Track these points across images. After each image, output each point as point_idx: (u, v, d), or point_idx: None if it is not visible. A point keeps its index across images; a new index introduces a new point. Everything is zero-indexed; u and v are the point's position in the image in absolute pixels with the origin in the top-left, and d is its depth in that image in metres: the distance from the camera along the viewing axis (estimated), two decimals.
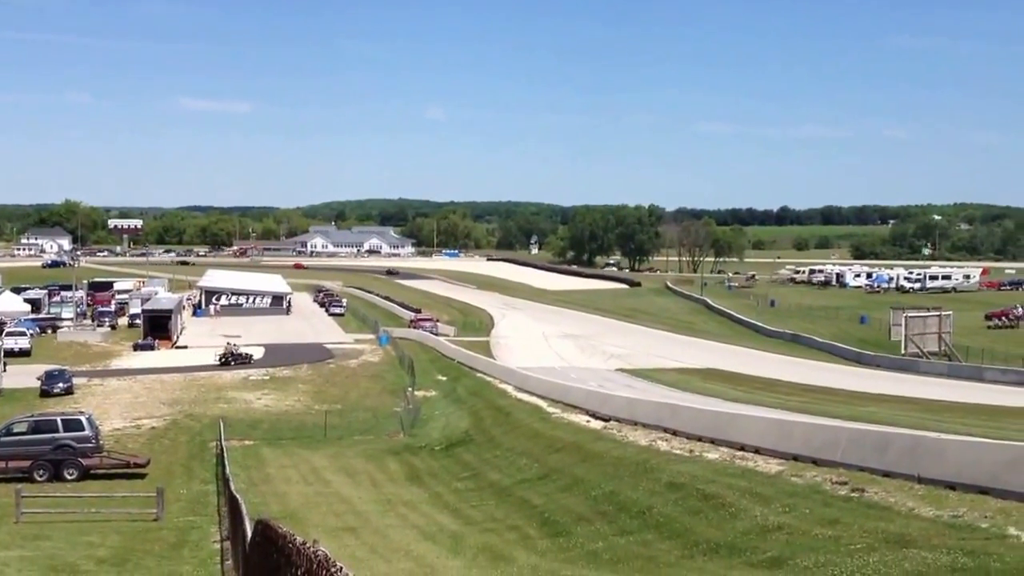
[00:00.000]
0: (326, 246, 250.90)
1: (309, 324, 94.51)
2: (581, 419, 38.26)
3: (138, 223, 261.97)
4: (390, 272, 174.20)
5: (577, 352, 76.48)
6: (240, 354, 66.83)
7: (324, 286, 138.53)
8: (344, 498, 30.90)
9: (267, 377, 61.27)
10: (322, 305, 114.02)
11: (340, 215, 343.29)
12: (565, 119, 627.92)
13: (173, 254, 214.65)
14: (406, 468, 37.23)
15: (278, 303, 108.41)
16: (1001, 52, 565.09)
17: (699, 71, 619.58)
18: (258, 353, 70.79)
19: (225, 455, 35.39)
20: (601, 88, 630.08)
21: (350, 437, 44.94)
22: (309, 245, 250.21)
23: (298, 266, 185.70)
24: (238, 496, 21.63)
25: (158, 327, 79.12)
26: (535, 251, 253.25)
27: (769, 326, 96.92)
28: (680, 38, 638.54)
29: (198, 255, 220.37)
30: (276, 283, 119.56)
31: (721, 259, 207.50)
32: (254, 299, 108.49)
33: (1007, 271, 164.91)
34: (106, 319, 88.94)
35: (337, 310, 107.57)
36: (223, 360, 65.58)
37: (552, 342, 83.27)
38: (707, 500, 21.38)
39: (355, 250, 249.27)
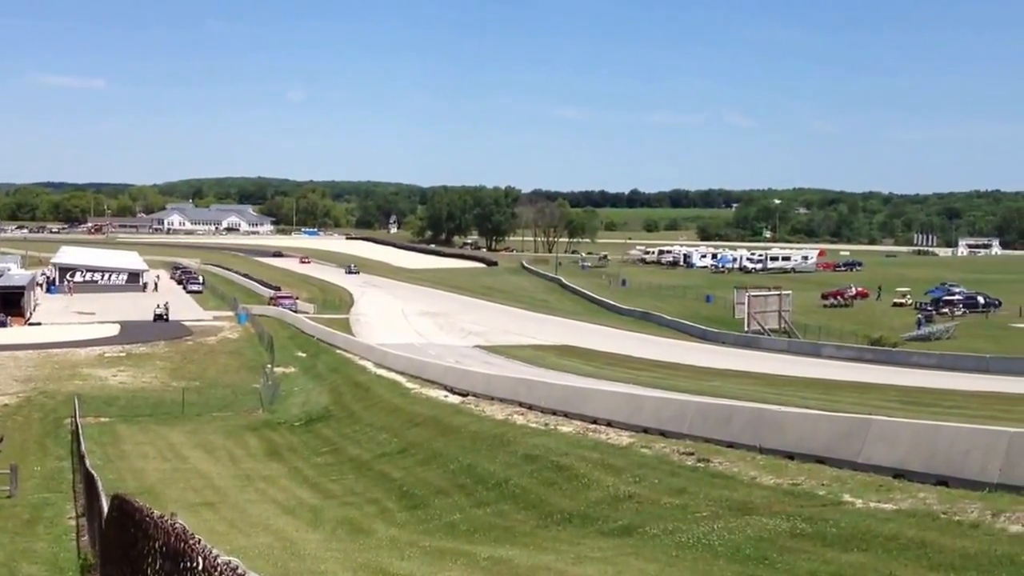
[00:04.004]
0: (183, 223, 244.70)
1: (168, 301, 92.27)
2: (439, 394, 38.59)
3: None
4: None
5: (435, 329, 76.70)
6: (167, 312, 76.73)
7: (181, 263, 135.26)
8: (202, 474, 30.60)
9: (123, 354, 59.79)
10: (179, 282, 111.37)
11: (198, 193, 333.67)
12: (424, 101, 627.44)
13: (26, 230, 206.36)
14: (265, 444, 37.01)
15: (134, 280, 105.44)
16: (838, 45, 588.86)
17: (555, 58, 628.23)
18: (113, 330, 69.30)
19: (80, 432, 34.60)
20: (460, 72, 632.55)
21: (208, 414, 44.32)
22: (166, 222, 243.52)
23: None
24: (94, 472, 21.38)
25: (11, 304, 76.59)
26: (394, 230, 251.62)
27: (621, 304, 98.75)
28: (537, 25, 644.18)
29: (51, 231, 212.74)
30: (132, 260, 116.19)
31: (575, 240, 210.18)
32: (110, 276, 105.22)
33: (842, 253, 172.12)
34: None
35: (195, 287, 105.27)
36: (156, 317, 75.32)
37: (411, 319, 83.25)
38: (561, 471, 21.82)
39: (213, 228, 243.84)
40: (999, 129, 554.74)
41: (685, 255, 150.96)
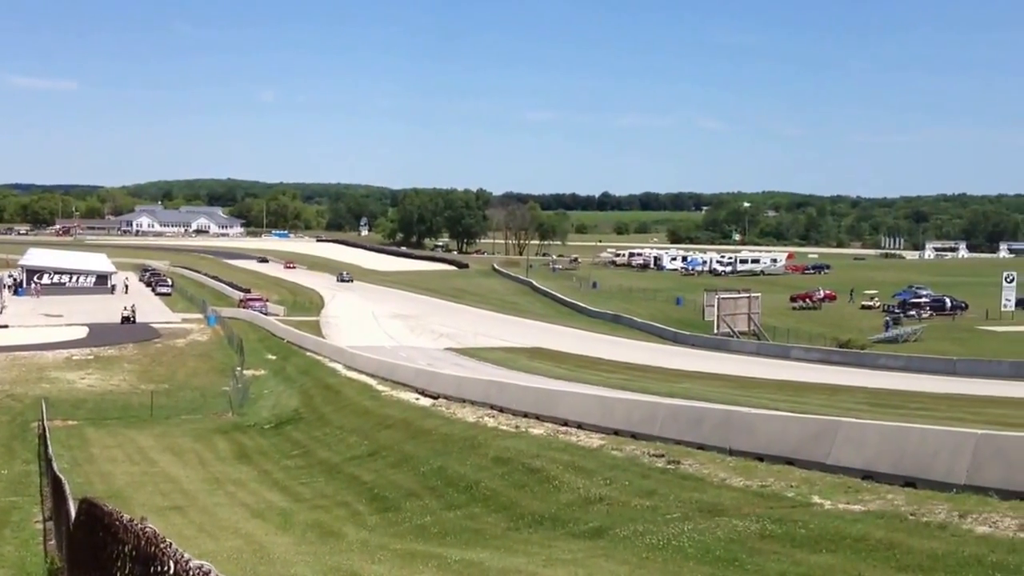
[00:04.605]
0: (152, 225, 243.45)
1: (135, 303, 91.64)
2: (410, 397, 38.53)
3: None
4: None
5: (406, 331, 76.62)
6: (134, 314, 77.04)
7: (150, 265, 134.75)
8: (171, 477, 30.31)
9: (91, 357, 59.24)
10: (148, 284, 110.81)
11: (167, 195, 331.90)
12: (395, 103, 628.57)
13: None
14: (234, 447, 36.78)
15: (102, 282, 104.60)
16: (806, 49, 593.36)
17: (526, 61, 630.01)
18: (81, 333, 68.93)
19: (47, 435, 34.25)
20: (431, 74, 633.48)
21: (177, 417, 44.07)
22: (135, 224, 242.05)
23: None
24: (61, 476, 21.13)
25: None
26: (365, 233, 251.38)
27: (591, 307, 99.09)
28: (508, 28, 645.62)
29: (19, 233, 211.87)
30: (100, 262, 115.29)
31: (546, 242, 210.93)
32: (78, 278, 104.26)
33: (810, 256, 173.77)
34: None
35: (164, 289, 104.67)
36: (124, 319, 75.61)
37: (382, 322, 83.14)
38: (532, 474, 21.75)
39: (182, 230, 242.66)
40: (966, 133, 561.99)
41: (655, 258, 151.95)
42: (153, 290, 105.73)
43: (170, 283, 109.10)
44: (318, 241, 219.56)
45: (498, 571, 13.77)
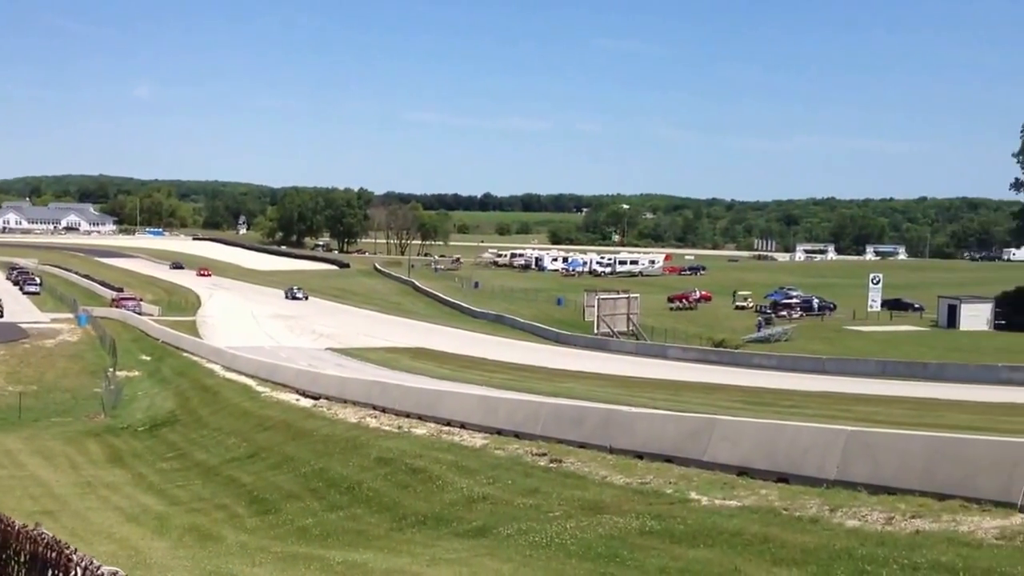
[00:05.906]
0: (20, 222, 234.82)
1: (1, 300, 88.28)
2: (291, 398, 38.05)
3: None
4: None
5: (287, 332, 75.67)
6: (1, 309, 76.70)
7: (18, 263, 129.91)
8: (41, 481, 29.36)
9: None
10: (16, 283, 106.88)
11: (35, 191, 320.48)
12: (275, 101, 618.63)
13: None
14: (107, 450, 35.81)
15: None
16: (683, 54, 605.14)
17: (409, 63, 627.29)
18: None
19: None
20: (311, 71, 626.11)
21: (47, 419, 42.78)
22: (1, 221, 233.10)
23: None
24: None
25: None
26: (243, 231, 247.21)
27: (474, 307, 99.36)
28: (389, 27, 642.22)
29: None
30: None
31: (428, 242, 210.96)
32: None
33: (687, 257, 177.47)
34: None
35: (32, 288, 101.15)
36: None
37: (262, 322, 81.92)
38: (415, 474, 21.70)
39: (52, 227, 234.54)
40: (835, 140, 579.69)
41: (537, 258, 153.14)
42: (21, 289, 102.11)
43: (39, 281, 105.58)
44: (194, 239, 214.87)
45: (382, 572, 13.71)
